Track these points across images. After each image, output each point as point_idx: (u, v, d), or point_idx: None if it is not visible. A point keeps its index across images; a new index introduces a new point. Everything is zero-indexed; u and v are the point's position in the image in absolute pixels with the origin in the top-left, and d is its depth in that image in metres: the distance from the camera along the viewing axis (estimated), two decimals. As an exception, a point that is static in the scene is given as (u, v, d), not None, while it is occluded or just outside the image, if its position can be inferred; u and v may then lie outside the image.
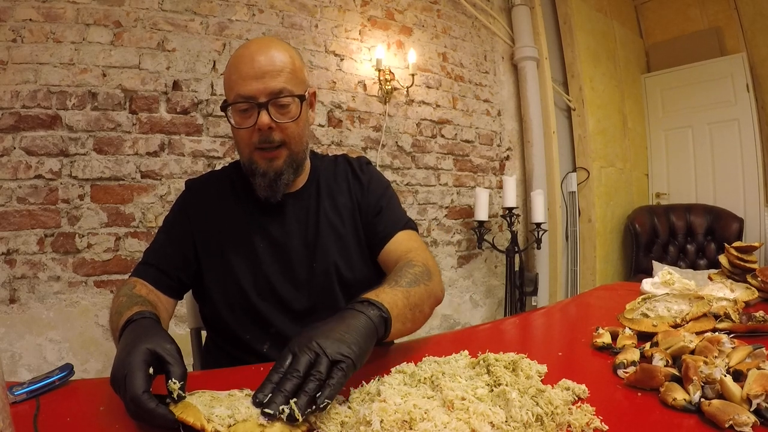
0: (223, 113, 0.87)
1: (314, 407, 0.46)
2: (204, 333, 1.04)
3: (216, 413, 0.46)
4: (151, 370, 0.50)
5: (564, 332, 0.96)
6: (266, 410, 0.45)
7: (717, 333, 0.68)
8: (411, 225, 0.96)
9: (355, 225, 0.94)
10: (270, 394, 0.47)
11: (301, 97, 0.84)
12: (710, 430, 0.45)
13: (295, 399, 0.46)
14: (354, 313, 0.58)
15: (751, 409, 0.45)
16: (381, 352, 0.73)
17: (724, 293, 0.94)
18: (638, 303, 0.85)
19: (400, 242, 0.91)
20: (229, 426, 0.45)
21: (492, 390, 0.52)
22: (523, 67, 2.96)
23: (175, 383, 0.49)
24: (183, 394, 0.49)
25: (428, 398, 0.50)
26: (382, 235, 0.92)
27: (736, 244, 1.06)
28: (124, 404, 0.48)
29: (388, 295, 0.66)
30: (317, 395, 0.47)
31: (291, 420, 0.45)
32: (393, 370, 0.60)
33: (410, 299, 0.70)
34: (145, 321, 0.63)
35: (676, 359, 0.59)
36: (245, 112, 0.82)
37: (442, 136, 2.67)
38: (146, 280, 0.86)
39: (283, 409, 0.45)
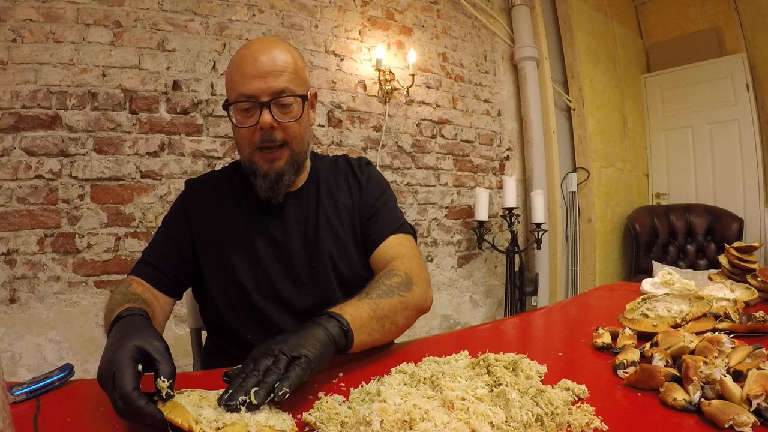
0: (223, 113, 0.88)
1: (272, 395, 0.49)
2: (204, 333, 1.04)
3: (204, 414, 0.47)
4: (139, 367, 0.50)
5: (564, 332, 0.96)
6: (228, 403, 0.48)
7: (717, 333, 0.68)
8: (405, 229, 0.95)
9: (354, 225, 0.95)
10: (231, 392, 0.50)
11: (303, 97, 0.84)
12: (710, 430, 0.45)
13: (255, 388, 0.49)
14: (312, 326, 0.62)
15: (751, 409, 0.45)
16: (381, 352, 0.73)
17: (724, 293, 0.94)
18: (638, 303, 0.85)
19: (390, 247, 0.91)
20: (217, 429, 0.45)
21: (492, 390, 0.52)
22: (523, 67, 2.96)
23: (164, 382, 0.49)
24: (172, 393, 0.49)
25: (428, 398, 0.50)
26: (373, 238, 0.92)
27: (736, 244, 1.06)
28: (111, 402, 0.47)
29: (352, 308, 0.69)
30: (275, 385, 0.50)
31: (250, 408, 0.48)
32: (393, 370, 0.60)
33: (378, 311, 0.71)
34: (135, 318, 0.63)
35: (676, 359, 0.59)
36: (247, 111, 0.82)
37: (442, 136, 2.67)
38: (143, 279, 0.86)
39: (243, 400, 0.48)
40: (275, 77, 0.80)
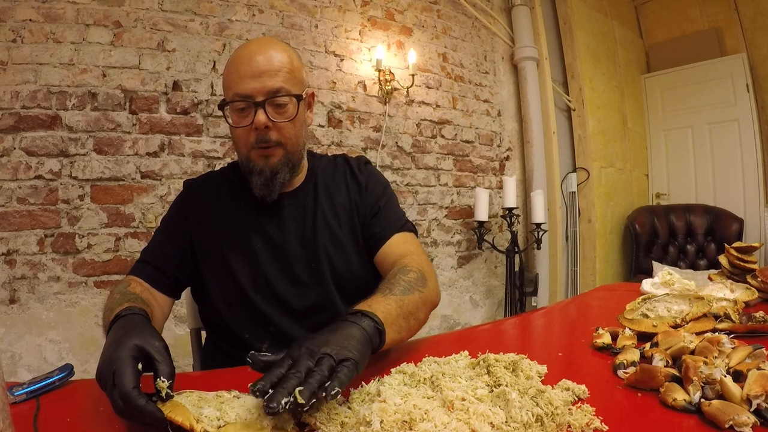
0: (221, 113, 0.87)
1: (324, 394, 0.45)
2: (204, 333, 1.04)
3: (205, 413, 0.46)
4: (139, 366, 0.49)
5: (564, 332, 0.96)
6: (270, 405, 0.43)
7: (717, 333, 0.68)
8: (408, 227, 0.95)
9: (353, 225, 0.94)
10: (271, 390, 0.45)
11: (299, 97, 0.84)
12: (710, 431, 0.45)
13: (299, 388, 0.44)
14: (349, 324, 0.58)
15: (751, 410, 0.45)
16: (381, 352, 0.73)
17: (724, 293, 0.94)
18: (638, 303, 0.85)
19: (396, 245, 0.91)
20: (219, 427, 0.45)
21: (492, 390, 0.52)
22: (523, 67, 2.96)
23: (163, 382, 0.48)
24: (171, 393, 0.49)
25: (428, 398, 0.50)
26: (378, 237, 0.92)
27: (736, 244, 1.06)
28: (111, 401, 0.47)
29: (381, 305, 0.66)
30: (324, 386, 0.46)
31: (295, 408, 0.44)
32: (393, 370, 0.60)
33: (404, 308, 0.69)
34: (134, 317, 0.63)
35: (676, 359, 0.59)
36: (242, 111, 0.82)
37: (442, 136, 2.67)
38: (142, 279, 0.86)
39: (287, 402, 0.43)
40: (270, 77, 0.80)
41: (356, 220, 0.94)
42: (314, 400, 0.45)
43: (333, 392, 0.45)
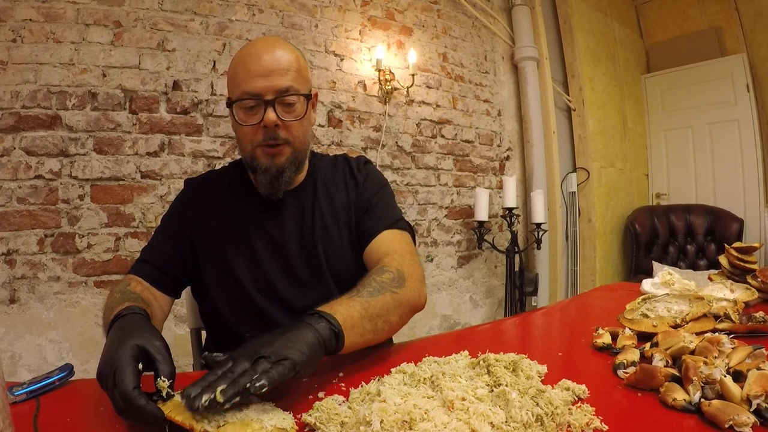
0: (223, 113, 0.87)
1: (249, 386, 0.46)
2: (204, 333, 1.04)
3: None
4: (140, 366, 0.50)
5: (564, 332, 0.96)
6: (191, 404, 0.44)
7: (717, 333, 0.68)
8: (401, 225, 0.93)
9: (350, 224, 0.94)
10: (200, 390, 0.46)
11: (307, 96, 0.85)
12: (710, 431, 0.45)
13: (222, 387, 0.45)
14: (302, 326, 0.58)
15: (751, 410, 0.45)
16: (381, 352, 0.73)
17: (724, 294, 0.94)
18: (638, 303, 0.85)
19: (383, 243, 0.89)
20: (219, 427, 0.45)
21: (492, 390, 0.52)
22: (523, 67, 2.96)
23: (164, 381, 0.49)
24: (172, 393, 0.49)
25: (428, 398, 0.50)
26: (366, 233, 0.91)
27: (736, 244, 1.06)
28: (111, 400, 0.47)
29: (343, 307, 0.65)
30: (247, 386, 0.46)
31: (212, 405, 0.44)
32: (393, 370, 0.60)
33: (369, 310, 0.68)
34: (135, 317, 0.63)
35: (676, 359, 0.59)
36: (251, 109, 0.82)
37: (442, 136, 2.67)
38: (142, 278, 0.86)
39: (207, 399, 0.44)
40: (280, 76, 0.80)
41: (353, 218, 0.94)
42: (237, 398, 0.46)
43: (258, 384, 0.46)
